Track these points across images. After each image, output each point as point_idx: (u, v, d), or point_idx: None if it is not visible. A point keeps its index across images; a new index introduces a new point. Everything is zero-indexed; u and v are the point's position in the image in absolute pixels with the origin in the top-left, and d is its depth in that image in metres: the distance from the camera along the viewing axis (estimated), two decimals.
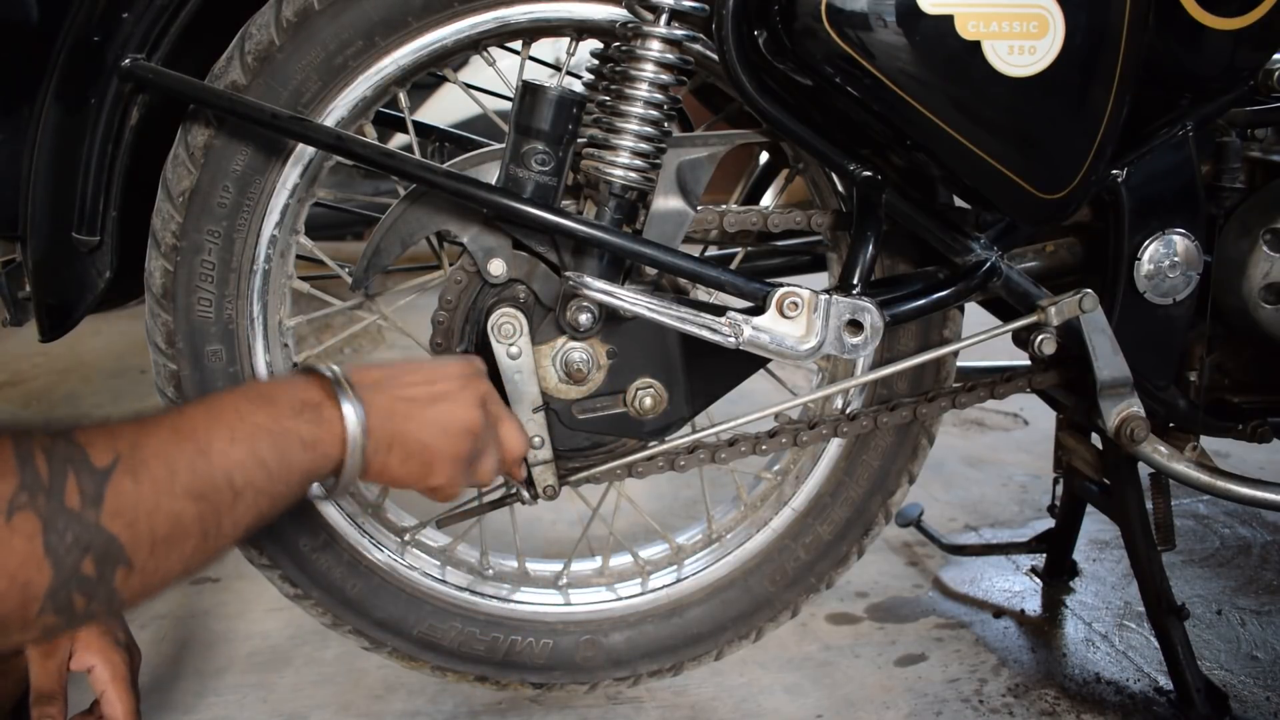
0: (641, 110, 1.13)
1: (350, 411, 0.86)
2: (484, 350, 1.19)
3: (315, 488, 0.88)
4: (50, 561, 0.68)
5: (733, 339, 1.14)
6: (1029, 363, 1.34)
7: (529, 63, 1.33)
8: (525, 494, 1.24)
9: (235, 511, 0.78)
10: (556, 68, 1.38)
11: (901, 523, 1.95)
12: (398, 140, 2.76)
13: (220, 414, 0.80)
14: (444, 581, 1.39)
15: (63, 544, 0.68)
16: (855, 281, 1.17)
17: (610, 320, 1.20)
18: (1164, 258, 1.27)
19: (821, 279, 1.41)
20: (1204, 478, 1.35)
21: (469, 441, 0.98)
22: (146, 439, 0.74)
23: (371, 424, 0.88)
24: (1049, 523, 1.85)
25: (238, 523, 0.79)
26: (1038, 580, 1.86)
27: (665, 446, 1.28)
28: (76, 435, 0.72)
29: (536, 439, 1.21)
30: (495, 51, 1.27)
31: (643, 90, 1.13)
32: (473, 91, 1.40)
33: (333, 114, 1.20)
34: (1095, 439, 1.57)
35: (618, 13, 1.18)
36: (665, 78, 1.13)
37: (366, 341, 3.37)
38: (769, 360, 1.19)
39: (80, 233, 1.19)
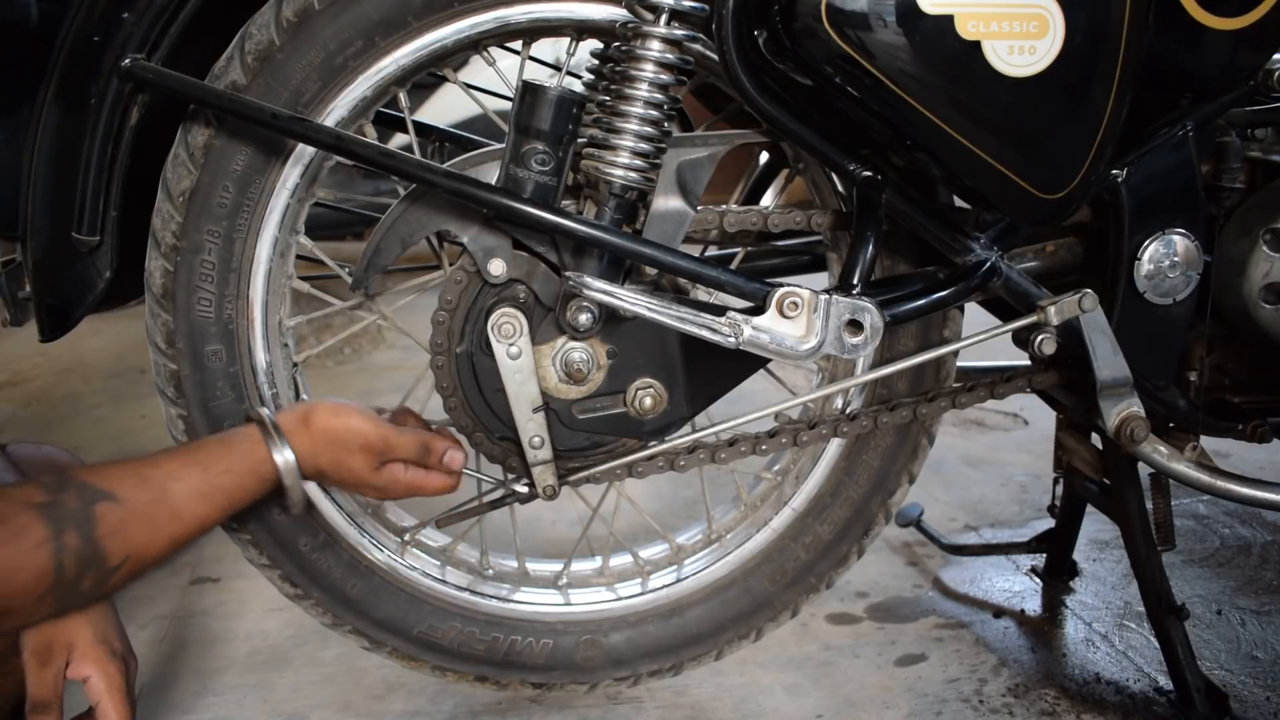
0: (641, 110, 1.13)
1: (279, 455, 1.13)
2: (484, 350, 1.20)
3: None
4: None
5: (733, 339, 1.14)
6: (1029, 363, 1.34)
7: (529, 63, 1.33)
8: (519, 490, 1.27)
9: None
10: (556, 68, 1.38)
11: (901, 523, 1.95)
12: (398, 140, 2.75)
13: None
14: (444, 581, 1.39)
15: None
16: (855, 281, 1.17)
17: (610, 320, 1.20)
18: (1164, 258, 1.27)
19: (821, 279, 1.41)
20: (1204, 478, 1.35)
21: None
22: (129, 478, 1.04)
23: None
24: (1049, 523, 1.85)
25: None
26: (1038, 580, 1.86)
27: (665, 446, 1.28)
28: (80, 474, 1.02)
29: (536, 439, 1.21)
30: (495, 51, 1.27)
31: (643, 90, 1.13)
32: (473, 91, 1.40)
33: (333, 114, 1.20)
34: (1095, 439, 1.57)
35: (618, 13, 1.18)
36: (665, 78, 1.13)
37: (366, 341, 3.37)
38: (769, 360, 1.19)
39: (80, 233, 1.19)
